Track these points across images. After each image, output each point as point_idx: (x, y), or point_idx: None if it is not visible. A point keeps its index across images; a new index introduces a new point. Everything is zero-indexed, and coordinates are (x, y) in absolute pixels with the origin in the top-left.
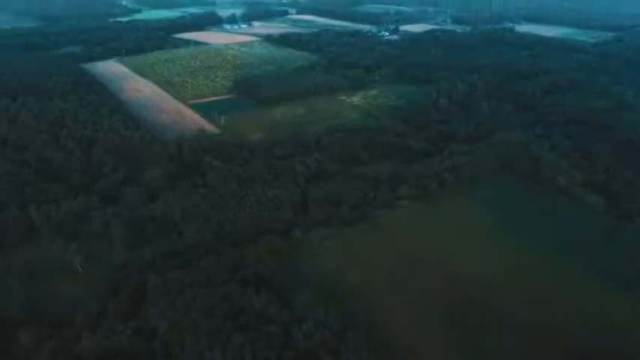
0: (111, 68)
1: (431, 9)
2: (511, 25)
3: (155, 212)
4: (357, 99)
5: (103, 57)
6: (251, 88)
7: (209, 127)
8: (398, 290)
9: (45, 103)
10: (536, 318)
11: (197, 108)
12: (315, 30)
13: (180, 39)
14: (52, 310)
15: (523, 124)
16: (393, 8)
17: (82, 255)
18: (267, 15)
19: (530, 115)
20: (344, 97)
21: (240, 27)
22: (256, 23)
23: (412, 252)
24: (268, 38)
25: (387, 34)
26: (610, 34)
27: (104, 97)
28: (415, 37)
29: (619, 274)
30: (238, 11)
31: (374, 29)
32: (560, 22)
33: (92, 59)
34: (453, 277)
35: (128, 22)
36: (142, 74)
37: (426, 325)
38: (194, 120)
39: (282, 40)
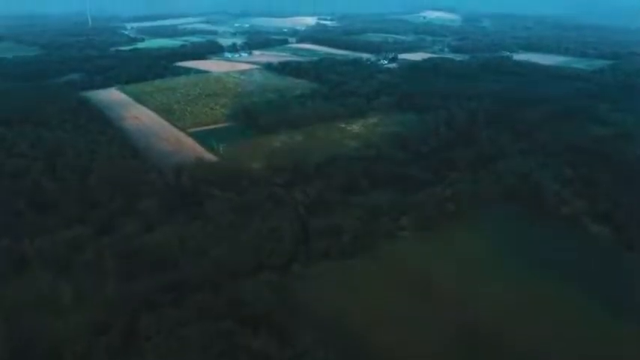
0: (111, 96)
1: (429, 38)
2: (508, 53)
3: (151, 243)
4: (356, 127)
5: (104, 85)
6: (251, 115)
7: (208, 155)
8: (401, 327)
9: (42, 132)
10: (542, 354)
11: (196, 136)
12: (314, 58)
13: (182, 67)
14: (37, 349)
15: (524, 152)
16: (391, 37)
17: (73, 289)
18: (267, 43)
19: (531, 143)
20: (344, 125)
21: (240, 55)
22: (257, 52)
23: (415, 286)
24: (268, 66)
25: (386, 62)
26: (606, 62)
27: (103, 125)
28: (414, 65)
29: (630, 308)
30: (239, 40)
31: (373, 57)
32: (556, 51)
33: (92, 87)
34: (456, 312)
35: (130, 50)
36: (142, 102)
37: None
38: (193, 148)
39: (282, 68)
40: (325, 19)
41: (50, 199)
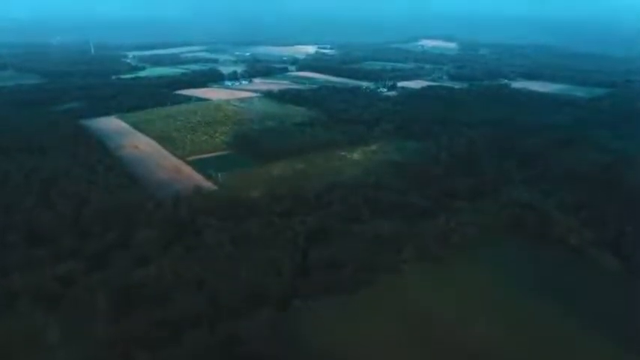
0: (111, 124)
1: (427, 66)
2: (506, 81)
3: (145, 278)
4: (356, 155)
5: (104, 113)
6: (250, 143)
7: (207, 184)
8: None
9: (38, 161)
10: None
11: (195, 164)
12: (314, 86)
13: (182, 95)
14: None
15: (526, 180)
16: (390, 65)
17: (63, 327)
18: (267, 72)
19: (533, 171)
20: (344, 153)
21: (241, 83)
22: (257, 80)
23: (418, 323)
24: (268, 94)
25: (385, 90)
26: (604, 90)
27: (101, 154)
28: (413, 93)
29: None
30: (239, 68)
31: (372, 85)
32: (553, 79)
33: (92, 115)
34: (463, 351)
35: (131, 78)
36: (142, 130)
37: None
38: (192, 177)
39: (282, 96)
40: (325, 48)
41: (43, 232)
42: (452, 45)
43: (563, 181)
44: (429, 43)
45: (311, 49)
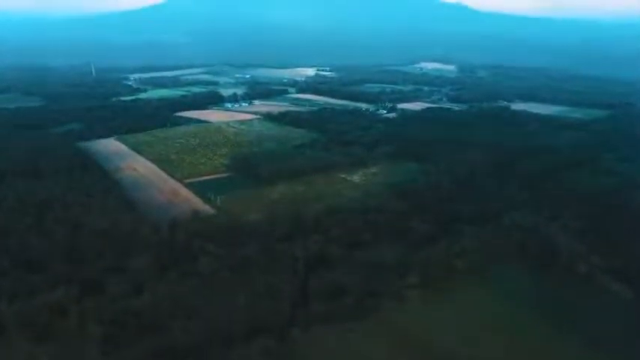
0: (109, 146)
1: (426, 88)
2: (506, 103)
3: (140, 306)
4: (357, 177)
5: (103, 135)
6: (250, 166)
7: (204, 207)
8: None
9: (34, 184)
10: None
11: (193, 187)
12: (314, 108)
13: (182, 117)
14: None
15: (531, 204)
16: (389, 87)
17: (53, 358)
18: (267, 94)
19: (537, 195)
20: (344, 175)
21: (241, 105)
22: (257, 102)
23: (423, 352)
24: (268, 116)
25: (385, 111)
26: (603, 112)
27: (98, 177)
28: (412, 115)
29: None
30: (240, 90)
31: (372, 107)
32: (552, 101)
33: (92, 137)
34: None
35: (131, 100)
36: (141, 152)
37: None
38: (189, 200)
39: (281, 118)
40: (324, 70)
41: (36, 257)
42: (450, 67)
43: (568, 204)
44: (427, 66)
45: (310, 72)
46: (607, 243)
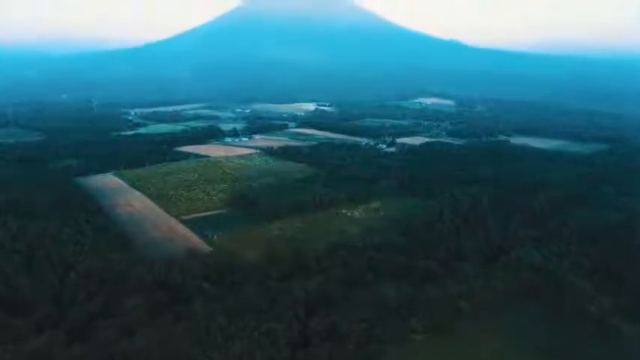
0: (106, 182)
1: (425, 122)
2: (505, 137)
3: (130, 352)
4: (357, 213)
5: (101, 170)
6: (248, 201)
7: (201, 245)
8: None
9: (27, 222)
10: None
11: (190, 224)
12: (314, 143)
13: (181, 152)
14: None
15: (535, 241)
16: (388, 122)
17: None
18: (267, 128)
19: (541, 231)
20: (344, 211)
21: (241, 140)
22: (257, 136)
23: None
24: (268, 151)
25: (385, 146)
26: (601, 146)
27: (93, 213)
28: (412, 150)
29: None
30: (240, 125)
31: (372, 142)
32: (551, 135)
33: (89, 173)
34: None
35: (131, 135)
36: (138, 188)
37: None
38: (186, 237)
39: (281, 153)
40: (324, 105)
41: (24, 299)
42: (449, 102)
43: (574, 241)
44: (426, 101)
45: (310, 107)
46: (617, 283)
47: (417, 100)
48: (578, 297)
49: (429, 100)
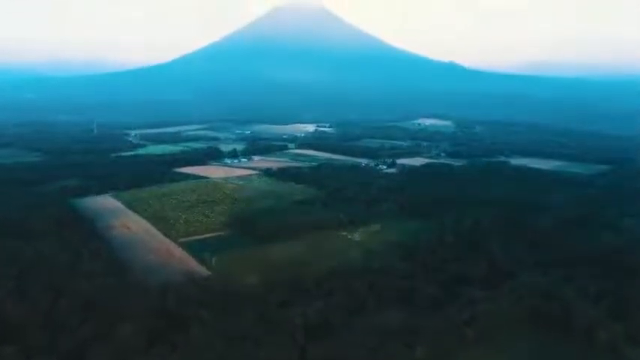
0: (104, 203)
1: (425, 143)
2: (505, 158)
3: None
4: (358, 235)
5: (99, 191)
6: (247, 223)
7: (199, 268)
8: None
9: (21, 245)
10: None
11: (188, 246)
12: (314, 164)
13: (181, 173)
14: None
15: (540, 265)
16: (388, 143)
17: None
18: (267, 149)
19: (546, 254)
20: (344, 233)
21: (240, 161)
22: (257, 157)
23: None
24: (268, 172)
25: (385, 167)
26: (602, 167)
27: (88, 236)
28: (413, 170)
29: None
30: (239, 146)
31: (371, 163)
32: (550, 156)
33: (87, 194)
34: None
35: (130, 156)
36: (135, 210)
37: None
38: (184, 261)
39: (281, 174)
40: (324, 126)
41: (14, 325)
42: (448, 123)
43: (579, 264)
44: (425, 122)
45: (310, 128)
46: (626, 308)
47: (416, 121)
48: (585, 322)
49: (428, 121)
